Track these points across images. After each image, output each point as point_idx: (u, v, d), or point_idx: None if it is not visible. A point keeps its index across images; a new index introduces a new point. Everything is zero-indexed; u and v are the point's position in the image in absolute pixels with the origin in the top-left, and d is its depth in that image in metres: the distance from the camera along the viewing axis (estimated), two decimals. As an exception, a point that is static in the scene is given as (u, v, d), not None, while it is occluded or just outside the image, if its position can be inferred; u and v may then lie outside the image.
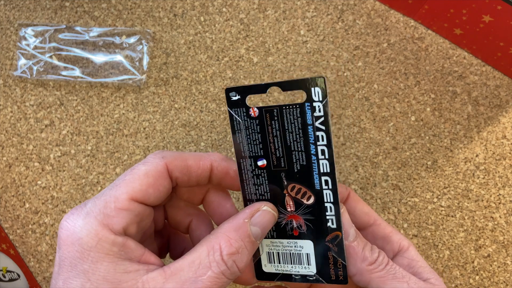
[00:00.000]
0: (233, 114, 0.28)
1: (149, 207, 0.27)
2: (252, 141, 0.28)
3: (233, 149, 0.48)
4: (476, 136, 0.47)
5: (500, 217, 0.46)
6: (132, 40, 0.49)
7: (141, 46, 0.48)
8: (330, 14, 0.49)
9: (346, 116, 0.48)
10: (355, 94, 0.48)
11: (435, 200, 0.46)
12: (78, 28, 0.49)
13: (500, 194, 0.46)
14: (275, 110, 0.27)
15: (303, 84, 0.27)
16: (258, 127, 0.28)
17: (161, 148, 0.48)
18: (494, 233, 0.46)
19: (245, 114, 0.28)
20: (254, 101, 0.48)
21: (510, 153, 0.47)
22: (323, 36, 0.49)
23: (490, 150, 0.47)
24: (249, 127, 0.28)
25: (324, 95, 0.26)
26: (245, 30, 0.49)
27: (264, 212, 0.27)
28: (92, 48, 0.49)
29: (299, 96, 0.47)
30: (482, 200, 0.46)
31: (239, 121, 0.28)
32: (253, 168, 0.28)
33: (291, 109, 0.27)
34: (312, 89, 0.26)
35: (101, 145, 0.48)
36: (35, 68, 0.48)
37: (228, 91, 0.28)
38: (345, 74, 0.48)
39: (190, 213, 0.32)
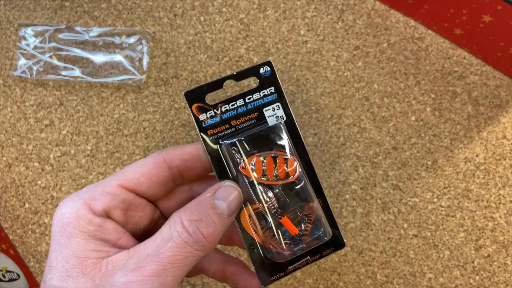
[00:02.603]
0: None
1: (142, 199, 0.27)
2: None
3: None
4: (476, 136, 0.47)
5: (500, 217, 0.46)
6: (132, 40, 0.49)
7: (141, 46, 0.48)
8: (330, 14, 0.49)
9: (346, 116, 0.48)
10: (355, 94, 0.48)
11: (435, 200, 0.46)
12: (78, 28, 0.49)
13: (500, 194, 0.46)
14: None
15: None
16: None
17: (161, 148, 0.48)
18: (494, 233, 0.46)
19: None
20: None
21: (510, 153, 0.47)
22: (323, 36, 0.49)
23: (490, 150, 0.47)
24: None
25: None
26: (245, 30, 0.49)
27: (225, 187, 0.27)
28: (92, 48, 0.49)
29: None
30: (482, 200, 0.46)
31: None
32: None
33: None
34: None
35: (101, 145, 0.48)
36: (35, 68, 0.48)
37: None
38: (345, 74, 0.48)
39: None
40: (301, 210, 0.28)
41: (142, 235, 0.29)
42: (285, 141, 0.28)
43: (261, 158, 0.28)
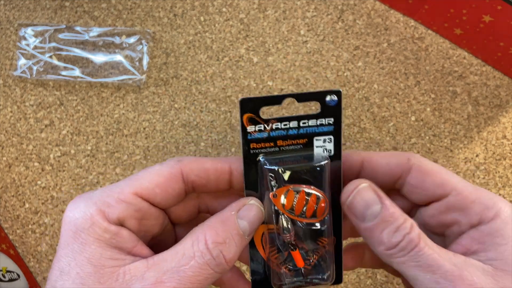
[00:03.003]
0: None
1: (155, 208, 0.27)
2: None
3: (233, 149, 0.48)
4: (476, 136, 0.47)
5: (500, 217, 0.46)
6: (132, 40, 0.49)
7: (141, 46, 0.48)
8: (330, 14, 0.49)
9: (347, 116, 0.48)
10: (355, 94, 0.48)
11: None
12: (78, 28, 0.49)
13: (500, 194, 0.46)
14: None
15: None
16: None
17: (161, 148, 0.48)
18: (494, 233, 0.46)
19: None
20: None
21: (510, 153, 0.47)
22: (323, 36, 0.49)
23: (490, 150, 0.47)
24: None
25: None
26: (245, 30, 0.49)
27: (250, 206, 0.26)
28: (92, 48, 0.49)
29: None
30: (482, 200, 0.46)
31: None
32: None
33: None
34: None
35: (101, 145, 0.48)
36: (35, 68, 0.48)
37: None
38: (345, 74, 0.48)
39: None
40: (313, 243, 0.28)
41: (151, 241, 0.29)
42: (325, 181, 0.27)
43: (295, 192, 0.27)
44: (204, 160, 0.27)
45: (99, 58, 0.49)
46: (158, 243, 0.28)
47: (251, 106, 0.26)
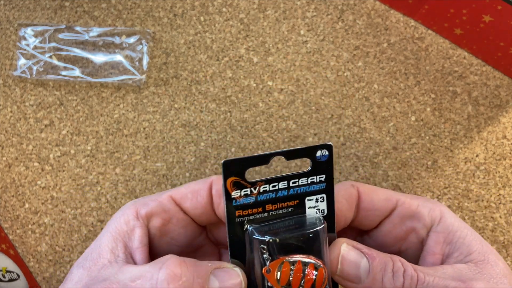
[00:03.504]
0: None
1: (185, 215, 0.27)
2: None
3: (233, 149, 0.48)
4: (476, 136, 0.47)
5: (500, 217, 0.46)
6: (132, 40, 0.49)
7: (141, 46, 0.48)
8: (330, 14, 0.49)
9: (346, 116, 0.48)
10: (355, 94, 0.48)
11: (436, 200, 0.46)
12: (78, 28, 0.49)
13: (500, 194, 0.46)
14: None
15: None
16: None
17: (161, 148, 0.48)
18: (494, 233, 0.46)
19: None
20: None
21: (510, 153, 0.47)
22: (323, 36, 0.49)
23: (490, 150, 0.47)
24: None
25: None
26: (245, 30, 0.49)
27: (232, 272, 0.24)
28: (92, 48, 0.49)
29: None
30: (482, 200, 0.46)
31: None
32: None
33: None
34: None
35: (101, 145, 0.48)
36: (34, 68, 0.48)
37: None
38: (345, 74, 0.48)
39: None
40: None
41: (181, 254, 0.28)
42: (322, 247, 0.25)
43: (290, 264, 0.24)
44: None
45: (99, 58, 0.48)
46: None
47: (235, 169, 0.24)
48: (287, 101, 0.48)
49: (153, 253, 0.27)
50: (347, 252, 0.25)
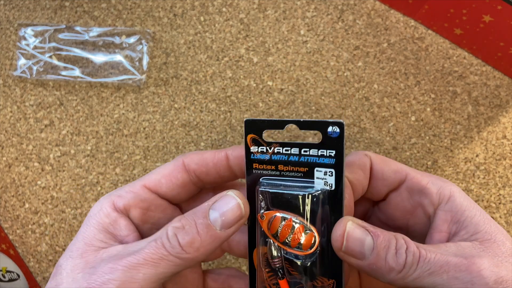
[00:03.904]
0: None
1: (163, 200, 0.29)
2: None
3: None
4: (476, 136, 0.47)
5: (500, 217, 0.46)
6: (132, 40, 0.49)
7: (141, 46, 0.48)
8: (330, 14, 0.49)
9: (346, 116, 0.48)
10: (355, 94, 0.48)
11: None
12: (78, 28, 0.49)
13: (500, 194, 0.46)
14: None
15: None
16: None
17: (161, 148, 0.48)
18: (494, 233, 0.46)
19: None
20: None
21: (510, 153, 0.47)
22: (323, 36, 0.49)
23: (490, 150, 0.47)
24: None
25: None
26: (245, 30, 0.49)
27: (226, 198, 0.26)
28: (92, 48, 0.49)
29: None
30: (482, 200, 0.46)
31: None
32: None
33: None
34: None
35: (101, 145, 0.48)
36: (34, 68, 0.48)
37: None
38: (345, 74, 0.48)
39: None
40: (310, 279, 0.27)
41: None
42: (318, 214, 0.26)
43: (281, 219, 0.26)
44: (205, 151, 0.29)
45: (99, 58, 0.48)
46: None
47: (255, 127, 0.27)
48: (287, 101, 0.48)
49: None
50: (352, 229, 0.25)
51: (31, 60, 0.48)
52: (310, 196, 0.26)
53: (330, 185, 0.27)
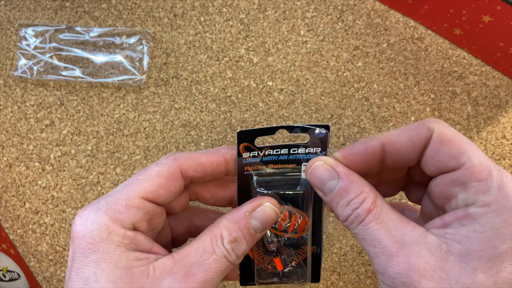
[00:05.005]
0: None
1: (160, 207, 0.28)
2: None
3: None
4: (475, 136, 0.47)
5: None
6: (132, 40, 0.49)
7: (141, 46, 0.49)
8: (330, 14, 0.49)
9: (346, 116, 0.48)
10: (355, 94, 0.48)
11: None
12: (78, 28, 0.49)
13: (499, 194, 0.46)
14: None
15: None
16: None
17: (161, 148, 0.48)
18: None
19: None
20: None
21: (509, 153, 0.47)
22: (323, 36, 0.49)
23: (490, 150, 0.47)
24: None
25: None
26: (245, 30, 0.49)
27: (265, 208, 0.28)
28: (92, 48, 0.49)
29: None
30: (482, 200, 0.46)
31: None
32: None
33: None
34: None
35: (101, 145, 0.48)
36: (35, 68, 0.48)
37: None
38: (345, 74, 0.48)
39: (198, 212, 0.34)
40: (295, 250, 0.31)
41: (156, 237, 0.30)
42: (307, 204, 0.30)
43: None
44: (199, 155, 0.29)
45: (99, 58, 0.49)
46: (157, 237, 0.30)
47: (247, 137, 0.29)
48: (287, 101, 0.48)
49: None
50: (317, 168, 0.28)
51: (32, 60, 0.49)
52: (299, 195, 0.30)
53: None
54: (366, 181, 0.27)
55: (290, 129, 0.29)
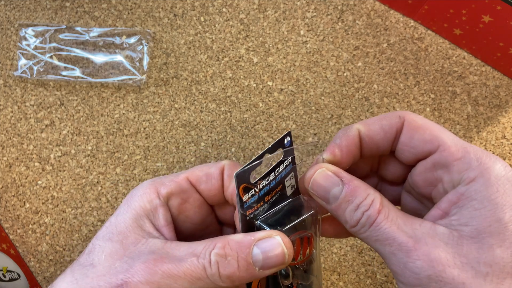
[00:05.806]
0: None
1: (199, 196, 0.30)
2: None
3: (233, 149, 0.48)
4: (475, 136, 0.47)
5: (499, 217, 0.46)
6: (132, 40, 0.49)
7: (141, 46, 0.49)
8: (330, 14, 0.49)
9: (346, 116, 0.48)
10: (355, 94, 0.48)
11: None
12: (78, 28, 0.49)
13: (499, 194, 0.46)
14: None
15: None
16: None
17: (161, 148, 0.48)
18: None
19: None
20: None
21: (509, 153, 0.47)
22: (323, 36, 0.49)
23: (490, 150, 0.47)
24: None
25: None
26: (245, 30, 0.49)
27: (273, 241, 0.26)
28: (92, 48, 0.49)
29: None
30: (482, 200, 0.46)
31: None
32: None
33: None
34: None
35: (101, 145, 0.48)
36: (35, 68, 0.48)
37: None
38: (345, 74, 0.48)
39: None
40: (305, 274, 0.30)
41: (190, 232, 0.31)
42: (315, 225, 0.29)
43: (292, 243, 0.27)
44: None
45: (99, 58, 0.49)
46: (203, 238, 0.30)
47: (244, 177, 0.27)
48: (287, 101, 0.48)
49: None
50: (320, 176, 0.27)
51: (32, 60, 0.49)
52: (310, 217, 0.28)
53: (293, 186, 0.30)
54: (367, 183, 0.27)
55: (270, 151, 0.28)
